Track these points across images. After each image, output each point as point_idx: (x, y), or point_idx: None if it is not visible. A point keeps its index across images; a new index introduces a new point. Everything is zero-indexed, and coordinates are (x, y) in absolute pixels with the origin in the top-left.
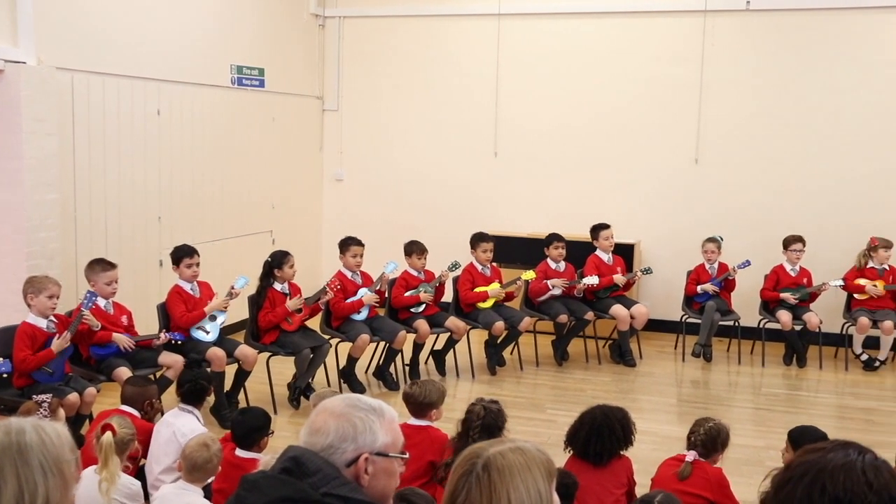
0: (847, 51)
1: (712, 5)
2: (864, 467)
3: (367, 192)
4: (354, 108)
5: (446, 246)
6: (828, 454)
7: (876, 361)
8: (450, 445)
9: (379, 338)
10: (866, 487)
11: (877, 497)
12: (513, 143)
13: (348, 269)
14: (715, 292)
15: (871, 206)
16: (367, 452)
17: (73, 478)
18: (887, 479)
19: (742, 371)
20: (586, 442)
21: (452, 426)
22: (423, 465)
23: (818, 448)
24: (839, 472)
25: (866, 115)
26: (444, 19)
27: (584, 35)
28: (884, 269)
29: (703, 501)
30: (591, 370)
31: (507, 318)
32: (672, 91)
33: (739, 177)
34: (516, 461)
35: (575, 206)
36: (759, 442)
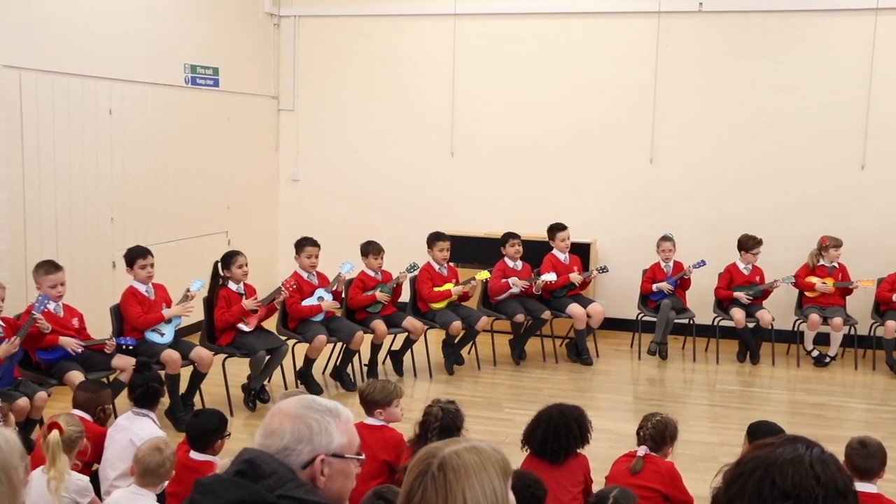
0: (798, 52)
1: (666, 7)
2: (812, 461)
3: (323, 193)
4: (310, 107)
5: (403, 246)
6: (777, 449)
7: (826, 357)
8: (408, 447)
9: (336, 338)
10: (814, 481)
11: (824, 490)
12: (469, 143)
13: (304, 270)
14: (670, 291)
15: (822, 206)
16: (323, 454)
17: (21, 483)
18: (834, 472)
19: (697, 368)
20: (543, 441)
21: (410, 427)
22: (378, 464)
23: (767, 443)
24: (788, 466)
25: (817, 115)
26: (400, 19)
27: (540, 36)
28: (833, 268)
29: (655, 494)
30: (548, 369)
31: (464, 318)
32: (627, 91)
33: (694, 176)
34: (472, 460)
35: (531, 206)
36: (713, 438)
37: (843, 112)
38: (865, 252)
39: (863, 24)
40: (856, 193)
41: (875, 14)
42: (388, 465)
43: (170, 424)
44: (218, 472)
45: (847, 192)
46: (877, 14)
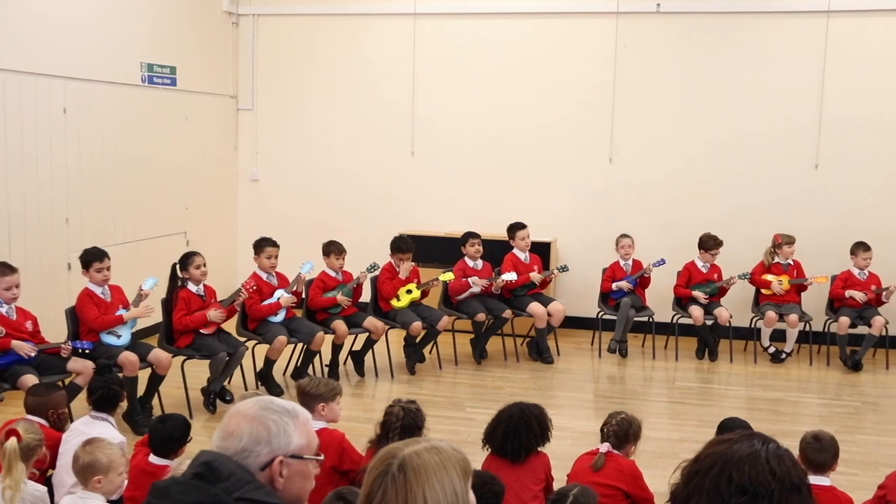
0: (753, 53)
1: (624, 7)
2: (768, 456)
3: (283, 193)
4: (270, 107)
5: (364, 246)
6: (734, 445)
7: (783, 354)
8: (369, 448)
9: (297, 339)
10: (770, 476)
11: (779, 484)
12: (430, 142)
13: (263, 271)
14: (630, 289)
15: (777, 204)
16: (281, 455)
17: None
18: (789, 467)
19: (656, 366)
20: (504, 440)
21: (371, 428)
22: (325, 471)
23: (724, 440)
24: (745, 462)
25: (772, 115)
26: (359, 18)
27: (500, 36)
28: (788, 265)
29: (616, 492)
30: (509, 368)
31: (425, 318)
32: (586, 91)
33: (653, 175)
34: (432, 460)
35: (492, 206)
36: (673, 435)
37: (797, 112)
38: (819, 249)
39: (815, 26)
40: (810, 192)
41: (827, 17)
42: (335, 470)
43: (128, 428)
44: (175, 475)
45: (801, 191)
46: (828, 17)
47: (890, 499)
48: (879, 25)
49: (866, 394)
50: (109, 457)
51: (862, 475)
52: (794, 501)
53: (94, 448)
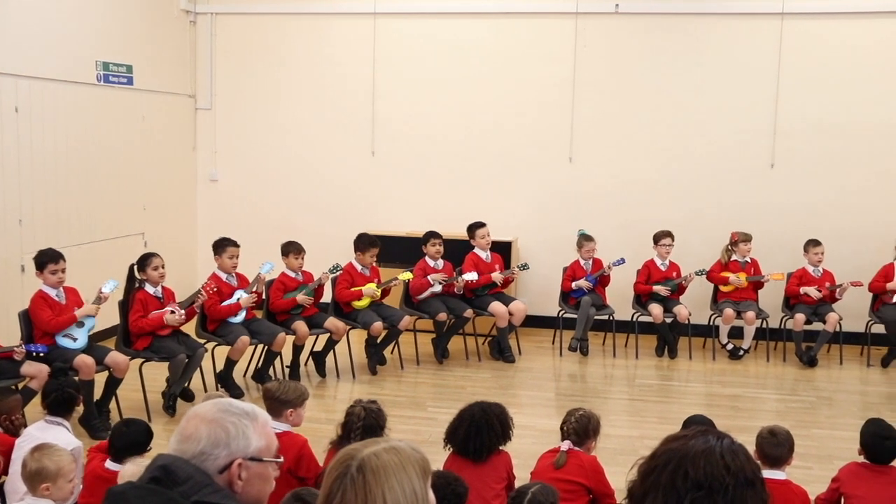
0: (710, 54)
1: (583, 8)
2: (723, 452)
3: (243, 193)
4: (228, 106)
5: (325, 246)
6: (689, 441)
7: (740, 350)
8: (330, 449)
9: (257, 340)
10: (724, 471)
11: (734, 479)
12: (390, 142)
13: (224, 271)
14: (590, 288)
15: (734, 203)
16: (240, 458)
17: None
18: (743, 462)
19: (617, 364)
20: (465, 439)
21: (333, 429)
22: (282, 473)
23: (680, 436)
24: (700, 457)
25: (729, 115)
26: (319, 17)
27: (460, 35)
28: (746, 262)
29: (579, 488)
30: (471, 367)
31: (386, 318)
32: (546, 91)
33: (612, 175)
34: (391, 461)
35: (453, 205)
36: (633, 432)
37: (753, 113)
38: (776, 247)
39: (770, 27)
40: (766, 191)
41: (781, 19)
42: (291, 474)
43: (84, 433)
44: (131, 480)
45: (758, 191)
46: (782, 19)
47: (843, 491)
48: (832, 28)
49: (821, 389)
50: (58, 463)
51: (817, 468)
52: (748, 495)
53: (42, 454)
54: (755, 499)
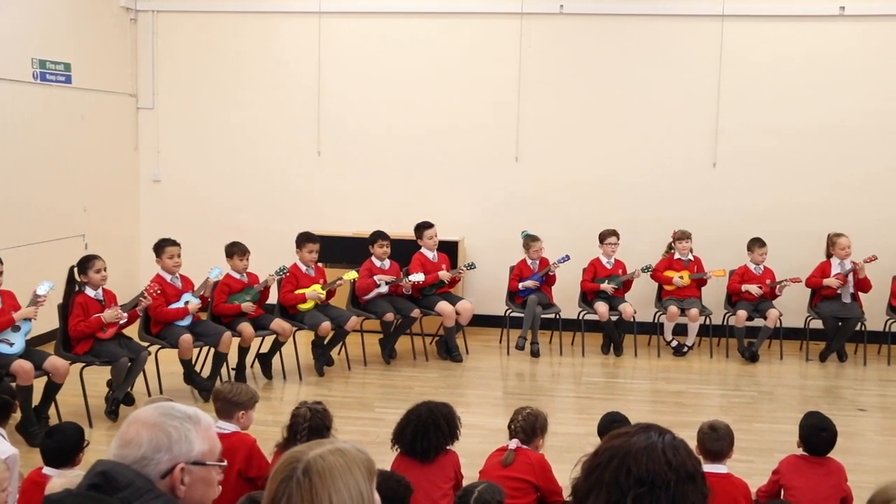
0: (653, 55)
1: (528, 8)
2: (664, 448)
3: (187, 193)
4: (171, 106)
5: (271, 246)
6: (632, 438)
7: (685, 347)
8: (276, 451)
9: (203, 342)
10: (666, 466)
11: (675, 474)
12: (336, 141)
13: (167, 272)
14: (536, 287)
15: (677, 201)
16: (182, 462)
17: None
18: (684, 457)
19: (564, 362)
20: (413, 439)
21: (280, 431)
22: (233, 476)
23: (622, 433)
24: (642, 454)
25: (672, 115)
26: (263, 16)
27: (405, 35)
28: (689, 260)
29: (527, 485)
30: (418, 367)
31: (333, 318)
32: (492, 91)
33: (558, 173)
34: (336, 463)
35: (399, 205)
36: (580, 429)
37: (695, 112)
38: (718, 244)
39: (710, 29)
40: (708, 190)
41: (721, 20)
42: (242, 476)
43: (22, 440)
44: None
45: (700, 189)
46: (723, 20)
47: (783, 483)
48: (771, 30)
49: (762, 383)
50: None
51: (758, 462)
52: (689, 490)
53: None
54: (696, 493)
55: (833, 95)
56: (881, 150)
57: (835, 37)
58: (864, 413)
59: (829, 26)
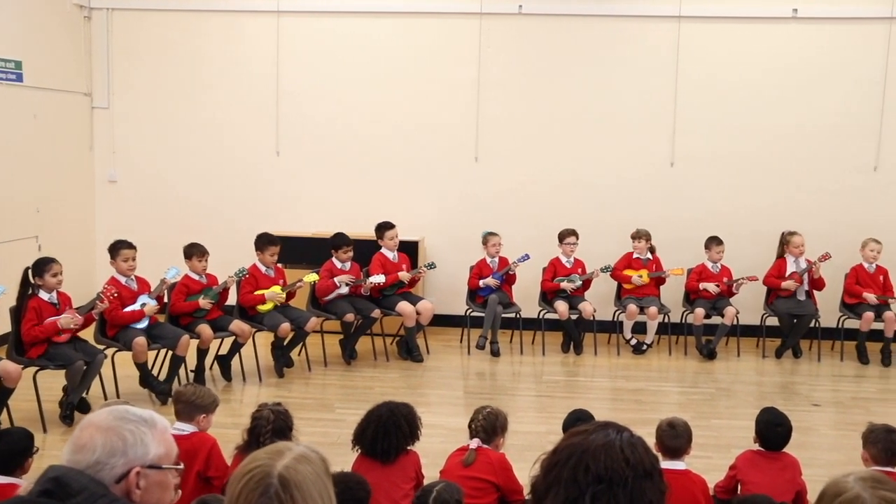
0: (611, 55)
1: (487, 8)
2: (622, 445)
3: (143, 194)
4: (127, 105)
5: (230, 247)
6: (590, 436)
7: (644, 345)
8: (237, 454)
9: (160, 345)
10: (624, 464)
11: (633, 472)
12: (296, 141)
13: (122, 275)
14: (497, 286)
15: (636, 200)
16: (138, 466)
17: None
18: (642, 454)
19: (524, 361)
20: (373, 440)
21: (238, 432)
22: (191, 477)
23: (581, 431)
24: (600, 451)
25: (631, 114)
26: (220, 15)
27: (365, 34)
28: (648, 259)
29: (487, 485)
30: (379, 367)
31: (293, 319)
32: (452, 91)
33: (517, 173)
34: (308, 472)
35: (359, 205)
36: (540, 428)
37: (653, 112)
38: (676, 243)
39: (667, 29)
40: (666, 189)
41: (678, 22)
42: (201, 476)
43: None
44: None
45: (658, 188)
46: (680, 22)
47: (739, 478)
48: (727, 32)
49: (720, 380)
50: None
51: (716, 457)
52: (646, 487)
53: None
54: (653, 490)
55: (787, 96)
56: (833, 151)
57: (788, 39)
58: (818, 408)
59: (782, 28)
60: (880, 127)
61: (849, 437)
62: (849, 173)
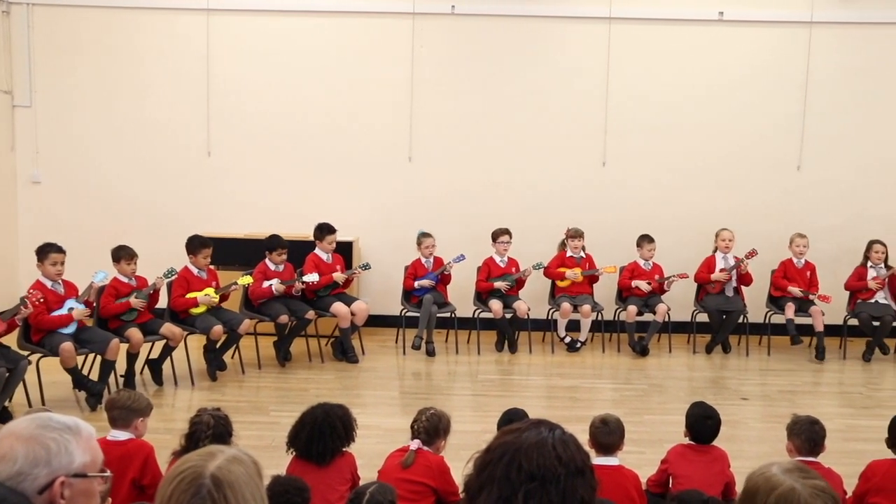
0: (543, 55)
1: (420, 8)
2: (555, 443)
3: (69, 195)
4: (51, 104)
5: (160, 250)
6: (522, 434)
7: (578, 343)
8: (172, 459)
9: (88, 349)
10: (556, 461)
11: (565, 469)
12: (228, 142)
13: (48, 279)
14: (431, 286)
15: (569, 199)
16: (62, 475)
17: None
18: (573, 452)
19: (460, 360)
20: (308, 442)
21: (172, 439)
22: (126, 485)
23: (514, 429)
24: (533, 449)
25: (562, 114)
26: (148, 12)
27: (298, 33)
28: (581, 258)
29: (424, 488)
30: (314, 369)
31: (225, 322)
32: (385, 91)
33: (451, 173)
34: (241, 473)
35: (293, 206)
36: (476, 427)
37: (585, 112)
38: (608, 241)
39: (599, 31)
40: (598, 188)
41: (609, 23)
42: (135, 484)
43: None
44: None
45: (591, 187)
46: (610, 23)
47: (671, 471)
48: (655, 33)
49: (652, 376)
50: None
51: (649, 452)
52: (578, 483)
53: None
54: (585, 486)
55: (714, 97)
56: (759, 151)
57: (715, 41)
58: (746, 402)
59: (709, 31)
60: (803, 127)
61: (775, 429)
62: (774, 172)
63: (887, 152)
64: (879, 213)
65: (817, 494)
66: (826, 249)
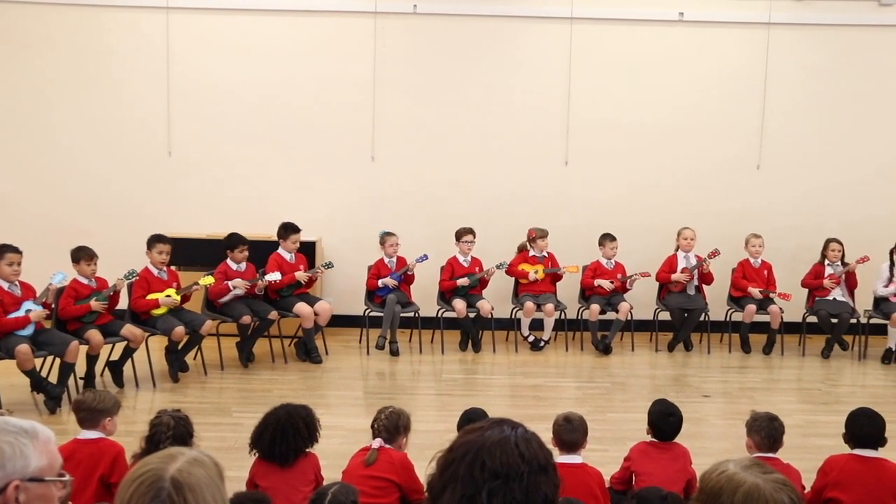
0: (505, 55)
1: (382, 7)
2: (517, 441)
3: (26, 196)
4: (5, 103)
5: (120, 251)
6: (485, 432)
7: (541, 342)
8: (133, 462)
9: (47, 352)
10: (519, 459)
11: (528, 466)
12: (188, 141)
13: (5, 280)
14: (395, 286)
15: (531, 199)
16: (17, 479)
17: None
18: (536, 450)
19: (424, 360)
20: (271, 443)
21: (134, 441)
22: (94, 482)
23: (476, 428)
24: (496, 447)
25: (524, 114)
26: (105, 10)
27: (259, 32)
28: (544, 257)
29: (389, 484)
30: (277, 370)
31: (187, 323)
32: (347, 90)
33: (414, 172)
34: (201, 475)
35: (255, 205)
36: (440, 426)
37: (547, 112)
38: (571, 241)
39: (560, 31)
40: (561, 187)
41: (570, 23)
42: (103, 482)
43: None
44: None
45: (553, 186)
46: (572, 23)
47: (634, 469)
48: (617, 33)
49: (615, 374)
50: None
51: (612, 450)
52: (541, 481)
53: None
54: (548, 484)
55: (675, 96)
56: (720, 150)
57: (675, 41)
58: (707, 399)
59: (670, 31)
60: (762, 127)
61: (736, 425)
62: (735, 171)
63: (845, 151)
64: (837, 212)
65: (780, 488)
66: (786, 248)
